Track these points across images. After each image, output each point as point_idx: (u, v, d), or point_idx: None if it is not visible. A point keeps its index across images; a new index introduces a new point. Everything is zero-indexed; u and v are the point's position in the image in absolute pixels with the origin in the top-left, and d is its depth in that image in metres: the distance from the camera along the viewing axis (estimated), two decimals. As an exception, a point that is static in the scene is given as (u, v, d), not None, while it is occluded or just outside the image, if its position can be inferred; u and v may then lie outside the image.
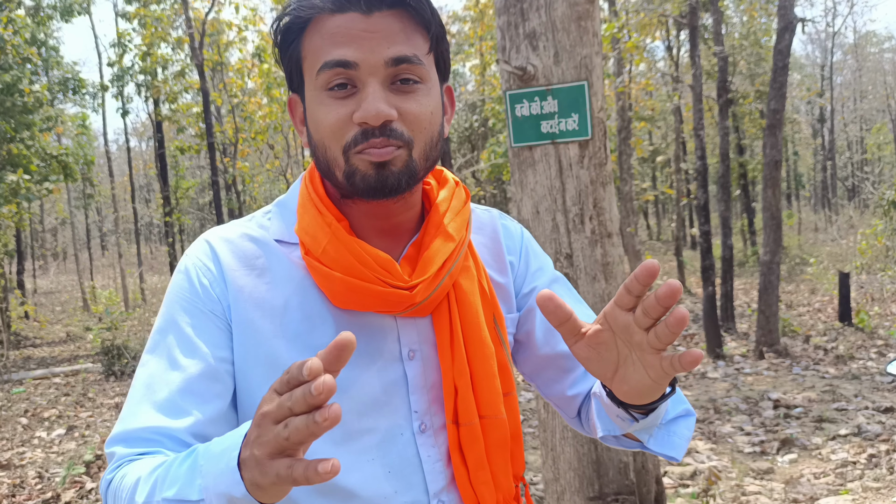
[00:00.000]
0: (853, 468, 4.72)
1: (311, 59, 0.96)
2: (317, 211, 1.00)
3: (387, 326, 1.02)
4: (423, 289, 0.98)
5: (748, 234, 20.86)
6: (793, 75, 28.07)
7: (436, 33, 0.98)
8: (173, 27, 15.35)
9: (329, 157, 0.96)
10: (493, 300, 1.09)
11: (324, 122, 0.95)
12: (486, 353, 1.04)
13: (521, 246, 1.19)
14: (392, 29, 0.94)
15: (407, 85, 0.95)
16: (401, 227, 1.05)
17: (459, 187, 1.11)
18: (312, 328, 0.99)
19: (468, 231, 1.07)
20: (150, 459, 0.88)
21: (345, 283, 0.96)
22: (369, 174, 0.94)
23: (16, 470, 5.72)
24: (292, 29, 0.98)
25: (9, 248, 15.58)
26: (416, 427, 1.02)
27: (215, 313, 0.99)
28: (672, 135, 20.00)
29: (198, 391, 0.95)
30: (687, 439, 1.05)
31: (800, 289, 14.16)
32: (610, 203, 2.92)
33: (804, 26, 8.62)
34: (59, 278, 31.87)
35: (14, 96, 12.08)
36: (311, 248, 0.98)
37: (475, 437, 1.03)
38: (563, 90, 2.79)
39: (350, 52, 0.92)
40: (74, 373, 9.81)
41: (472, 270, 1.07)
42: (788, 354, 8.28)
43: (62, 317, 18.18)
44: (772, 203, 8.49)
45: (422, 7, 0.96)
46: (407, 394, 1.02)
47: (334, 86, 0.94)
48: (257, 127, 16.40)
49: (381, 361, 1.01)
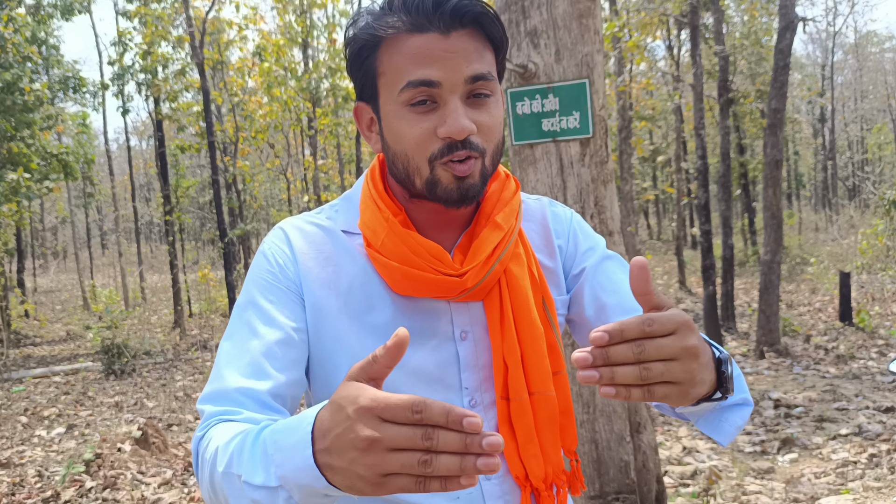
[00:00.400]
0: (854, 468, 4.71)
1: (391, 75, 1.03)
2: (376, 207, 1.10)
3: (440, 309, 1.10)
4: (474, 275, 1.06)
5: (749, 234, 20.85)
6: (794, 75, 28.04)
7: (503, 49, 1.08)
8: (174, 26, 15.33)
9: (411, 166, 1.05)
10: (543, 284, 1.16)
11: (408, 136, 1.03)
12: (536, 333, 1.11)
13: (569, 229, 1.25)
14: (469, 48, 1.02)
15: (480, 99, 1.04)
16: (455, 219, 1.13)
17: (510, 179, 1.19)
18: (372, 308, 1.09)
19: (517, 220, 1.14)
20: (230, 427, 0.94)
21: (402, 271, 1.05)
22: (451, 187, 1.03)
23: (15, 468, 5.71)
24: (368, 45, 1.05)
25: (9, 247, 15.57)
26: (466, 402, 1.10)
27: (290, 290, 1.09)
28: (673, 134, 19.99)
29: (277, 357, 1.04)
30: (738, 428, 1.07)
31: (800, 288, 14.15)
32: (611, 201, 2.91)
33: (805, 26, 8.61)
34: (59, 277, 31.87)
35: (14, 95, 12.06)
36: (371, 240, 1.09)
37: (524, 412, 1.09)
38: (564, 88, 2.78)
39: (433, 71, 1.00)
40: (74, 371, 9.81)
41: (522, 257, 1.14)
42: (789, 354, 8.27)
43: (62, 315, 18.18)
44: (772, 202, 8.48)
45: (493, 26, 1.04)
46: (458, 371, 1.10)
47: (416, 102, 1.02)
48: (258, 126, 16.38)
49: (434, 341, 1.10)
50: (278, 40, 15.42)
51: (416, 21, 1.01)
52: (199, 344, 11.51)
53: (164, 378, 9.17)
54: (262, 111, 16.35)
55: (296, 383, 1.06)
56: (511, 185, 1.17)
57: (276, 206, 26.93)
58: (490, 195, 1.14)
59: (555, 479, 1.13)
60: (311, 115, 16.25)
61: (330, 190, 19.23)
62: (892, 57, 42.80)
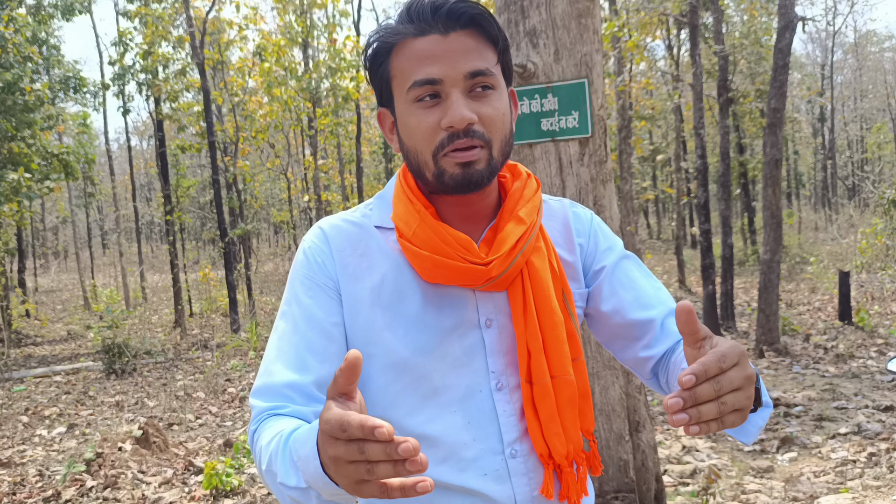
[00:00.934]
0: (853, 466, 4.72)
1: (400, 77, 1.14)
2: (408, 200, 1.19)
3: (467, 298, 1.19)
4: (498, 264, 1.14)
5: (748, 233, 20.85)
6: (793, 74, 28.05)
7: (502, 47, 1.16)
8: (174, 26, 15.33)
9: (420, 160, 1.14)
10: (562, 276, 1.24)
11: (416, 129, 1.13)
12: (556, 321, 1.19)
13: (589, 229, 1.34)
14: (467, 46, 1.11)
15: (483, 91, 1.12)
16: (480, 213, 1.22)
17: (531, 178, 1.27)
18: (403, 298, 1.17)
19: (539, 216, 1.22)
20: (274, 426, 1.05)
21: (432, 260, 1.13)
22: (456, 173, 1.11)
23: (16, 468, 5.72)
24: (380, 53, 1.16)
25: (10, 247, 15.58)
26: (493, 385, 1.18)
27: (329, 286, 1.19)
28: (672, 134, 19.99)
29: (318, 350, 1.15)
30: (760, 428, 1.13)
31: (800, 287, 14.16)
32: (610, 201, 2.92)
33: (804, 25, 8.62)
34: (59, 277, 31.87)
35: (15, 95, 12.07)
36: (403, 231, 1.17)
37: (546, 394, 1.17)
38: (563, 88, 2.79)
39: (435, 69, 1.10)
40: (75, 371, 9.82)
41: (543, 250, 1.22)
42: (788, 353, 8.28)
43: (63, 315, 18.19)
44: (772, 202, 8.49)
45: (490, 25, 1.13)
46: (485, 356, 1.18)
47: (423, 97, 1.11)
48: (258, 126, 16.38)
49: (461, 328, 1.18)
50: (279, 40, 15.43)
51: (419, 26, 1.11)
52: (200, 343, 11.53)
53: (164, 377, 9.18)
54: (263, 111, 16.36)
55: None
56: (533, 183, 1.26)
57: (276, 205, 26.94)
58: (513, 192, 1.22)
59: (575, 456, 1.21)
60: (311, 114, 16.26)
61: (330, 190, 19.25)
62: (892, 56, 42.78)
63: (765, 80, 16.93)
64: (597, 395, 3.18)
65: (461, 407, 1.16)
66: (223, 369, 9.29)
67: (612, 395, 3.18)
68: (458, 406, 1.16)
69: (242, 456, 5.32)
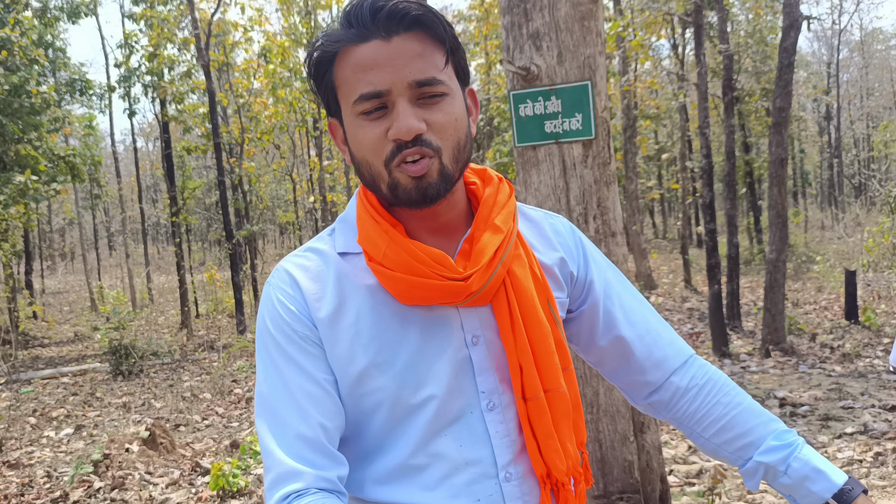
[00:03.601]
0: (859, 466, 4.71)
1: (345, 88, 1.06)
2: (373, 220, 1.10)
3: (450, 317, 1.11)
4: (478, 278, 1.07)
5: (754, 233, 20.81)
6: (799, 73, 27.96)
7: (451, 46, 1.07)
8: (179, 28, 15.38)
9: (373, 171, 1.07)
10: (545, 283, 1.18)
11: (364, 142, 1.06)
12: (544, 332, 1.13)
13: (571, 238, 1.29)
14: (412, 51, 1.04)
15: (432, 99, 1.05)
16: (450, 225, 1.15)
17: (503, 183, 1.20)
18: (384, 329, 1.10)
19: (515, 222, 1.16)
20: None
21: (406, 281, 1.06)
22: (409, 187, 1.05)
23: (24, 469, 5.75)
24: (323, 61, 1.08)
25: (17, 249, 15.65)
26: (484, 405, 1.12)
27: (309, 337, 1.10)
28: (677, 133, 19.97)
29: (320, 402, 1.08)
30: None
31: (806, 287, 14.13)
32: (614, 202, 2.92)
33: (810, 24, 8.60)
34: (66, 278, 31.98)
35: (22, 97, 12.12)
36: (373, 253, 1.09)
37: (542, 410, 1.12)
38: (566, 90, 2.80)
39: (379, 79, 1.02)
40: (82, 372, 9.86)
41: (523, 258, 1.16)
42: (794, 352, 8.26)
43: (70, 317, 18.26)
44: (778, 201, 8.47)
45: (435, 25, 1.05)
46: (473, 376, 1.12)
47: (370, 111, 1.04)
48: (263, 127, 16.43)
49: (449, 349, 1.11)
50: (283, 42, 15.46)
51: (360, 32, 1.04)
52: (206, 345, 11.56)
53: (171, 379, 9.21)
54: (268, 112, 16.40)
55: (340, 425, 1.10)
56: (505, 188, 1.19)
57: (281, 206, 26.99)
58: (486, 199, 1.15)
59: (573, 472, 1.16)
60: (316, 115, 16.29)
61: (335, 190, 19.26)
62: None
63: (770, 79, 16.90)
64: (601, 396, 3.18)
65: (452, 430, 1.10)
66: (229, 370, 9.32)
67: (616, 396, 3.18)
68: (448, 430, 1.10)
69: (249, 457, 5.34)
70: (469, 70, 1.15)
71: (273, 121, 16.27)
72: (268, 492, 1.03)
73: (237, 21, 16.55)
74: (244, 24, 15.79)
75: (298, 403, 1.06)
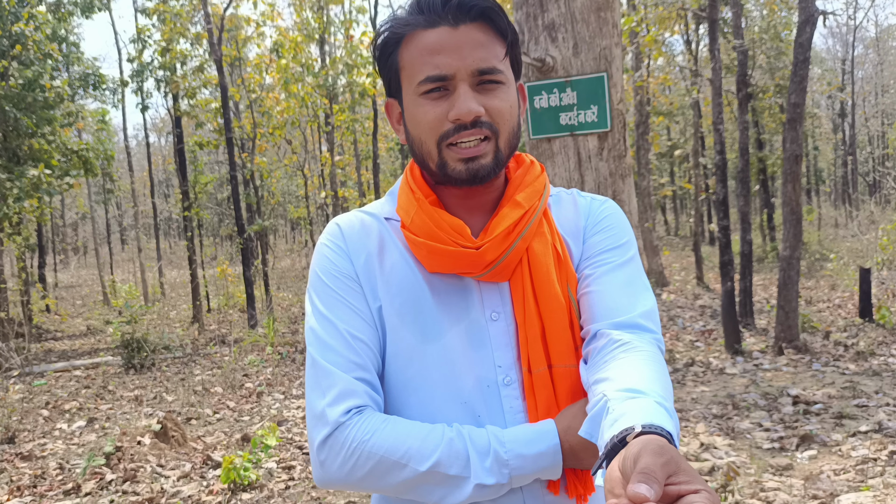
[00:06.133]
0: (874, 465, 4.67)
1: (410, 69, 1.14)
2: (410, 190, 1.20)
3: (470, 290, 1.18)
4: (491, 248, 1.13)
5: (767, 230, 20.69)
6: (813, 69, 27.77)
7: (511, 40, 1.15)
8: (192, 23, 15.39)
9: (425, 150, 1.15)
10: (567, 264, 1.21)
11: (423, 121, 1.13)
12: (557, 306, 1.16)
13: (599, 212, 1.28)
14: (477, 40, 1.11)
15: (490, 85, 1.12)
16: (485, 204, 1.21)
17: (534, 165, 1.27)
18: (409, 288, 1.17)
19: (541, 200, 1.21)
20: (398, 424, 1.11)
21: (427, 247, 1.14)
22: (459, 168, 1.12)
23: (37, 461, 5.78)
24: (389, 43, 1.16)
25: (30, 243, 15.73)
26: (500, 380, 1.16)
27: (353, 279, 1.19)
28: (691, 129, 19.87)
29: (370, 339, 1.16)
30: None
31: (820, 284, 14.03)
32: (629, 195, 2.90)
33: (825, 20, 8.53)
34: (79, 272, 32.15)
35: (35, 92, 12.18)
36: (405, 220, 1.19)
37: (544, 384, 1.15)
38: (582, 82, 2.77)
39: (444, 63, 1.10)
40: (95, 366, 9.90)
41: (546, 235, 1.20)
42: (808, 350, 8.20)
43: (82, 310, 18.35)
44: (791, 198, 8.41)
45: (499, 19, 1.13)
46: (492, 350, 1.17)
47: (431, 90, 1.12)
48: (275, 122, 16.44)
49: (467, 321, 1.16)
50: (295, 37, 15.47)
51: (429, 18, 1.12)
52: (218, 339, 11.58)
53: (183, 372, 9.24)
54: (280, 107, 16.41)
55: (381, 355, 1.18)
56: (535, 169, 1.25)
57: (293, 202, 27.05)
58: (514, 179, 1.22)
59: None
60: (328, 111, 16.29)
61: (347, 186, 19.29)
62: (914, 51, 42.25)
63: (784, 76, 16.79)
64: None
65: (470, 400, 1.15)
66: (241, 364, 9.34)
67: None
68: (467, 399, 1.15)
69: (260, 450, 5.34)
70: (522, 66, 1.24)
71: (285, 116, 16.29)
72: (329, 407, 1.10)
73: (249, 16, 16.58)
74: (256, 19, 15.85)
75: (347, 334, 1.14)
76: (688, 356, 8.49)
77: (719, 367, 7.82)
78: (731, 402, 6.41)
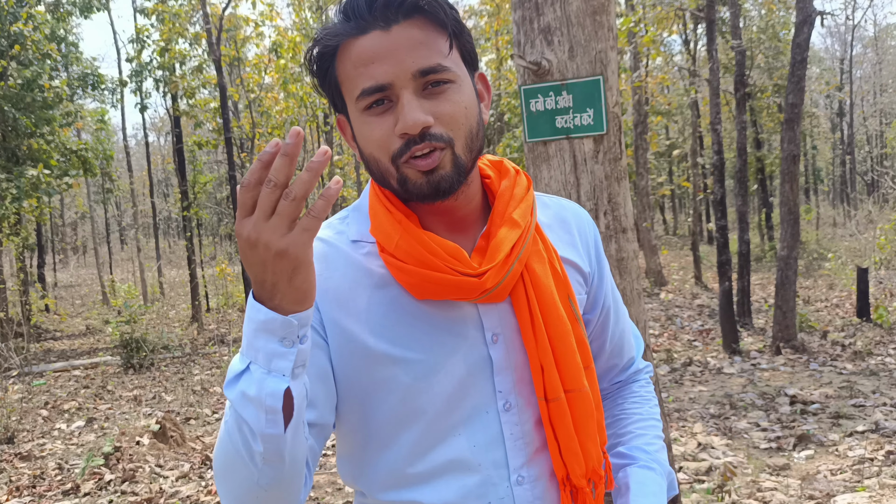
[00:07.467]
0: (870, 465, 4.69)
1: (348, 84, 1.02)
2: (386, 210, 1.06)
3: (468, 313, 1.07)
4: (493, 275, 1.02)
5: (765, 229, 20.72)
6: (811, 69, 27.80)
7: (454, 30, 1.02)
8: (191, 23, 15.40)
9: (381, 168, 1.02)
10: (566, 280, 1.13)
11: (370, 138, 1.01)
12: (565, 330, 1.09)
13: (594, 234, 1.26)
14: (413, 38, 0.98)
15: (438, 87, 1.00)
16: (466, 220, 1.10)
17: (520, 175, 1.16)
18: (398, 320, 1.05)
19: (533, 216, 1.11)
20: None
21: (419, 274, 1.01)
22: (420, 182, 1.00)
23: (36, 461, 5.80)
24: (324, 58, 1.04)
25: (29, 242, 15.74)
26: (500, 406, 1.08)
27: (313, 325, 1.04)
28: (689, 129, 19.88)
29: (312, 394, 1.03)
30: None
31: (817, 284, 14.06)
32: (625, 198, 2.91)
33: (823, 19, 8.53)
34: (78, 272, 32.15)
35: (34, 92, 12.19)
36: (385, 244, 1.04)
37: (562, 412, 1.08)
38: (577, 85, 2.79)
39: (380, 72, 0.98)
40: (94, 365, 9.92)
41: (542, 253, 1.11)
42: (805, 350, 8.23)
43: (82, 310, 18.36)
44: (789, 198, 8.43)
45: (436, 10, 0.99)
46: (491, 375, 1.08)
47: (372, 104, 0.99)
48: (274, 122, 16.44)
49: (465, 347, 1.06)
50: (294, 37, 15.46)
51: (358, 24, 0.99)
52: (217, 338, 11.60)
53: (182, 372, 9.26)
54: (279, 107, 16.41)
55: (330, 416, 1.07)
56: (523, 180, 1.14)
57: (292, 201, 26.97)
58: (502, 193, 1.11)
59: (593, 475, 1.12)
60: (326, 111, 16.30)
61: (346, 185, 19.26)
62: (913, 50, 42.28)
63: (782, 75, 16.81)
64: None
65: (466, 429, 1.06)
66: (239, 364, 9.35)
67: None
68: (462, 428, 1.06)
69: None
70: (477, 53, 1.09)
71: (284, 116, 16.29)
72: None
73: (248, 16, 16.56)
74: (255, 19, 15.80)
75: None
76: (686, 356, 8.51)
77: (717, 367, 7.85)
78: (728, 401, 6.43)
